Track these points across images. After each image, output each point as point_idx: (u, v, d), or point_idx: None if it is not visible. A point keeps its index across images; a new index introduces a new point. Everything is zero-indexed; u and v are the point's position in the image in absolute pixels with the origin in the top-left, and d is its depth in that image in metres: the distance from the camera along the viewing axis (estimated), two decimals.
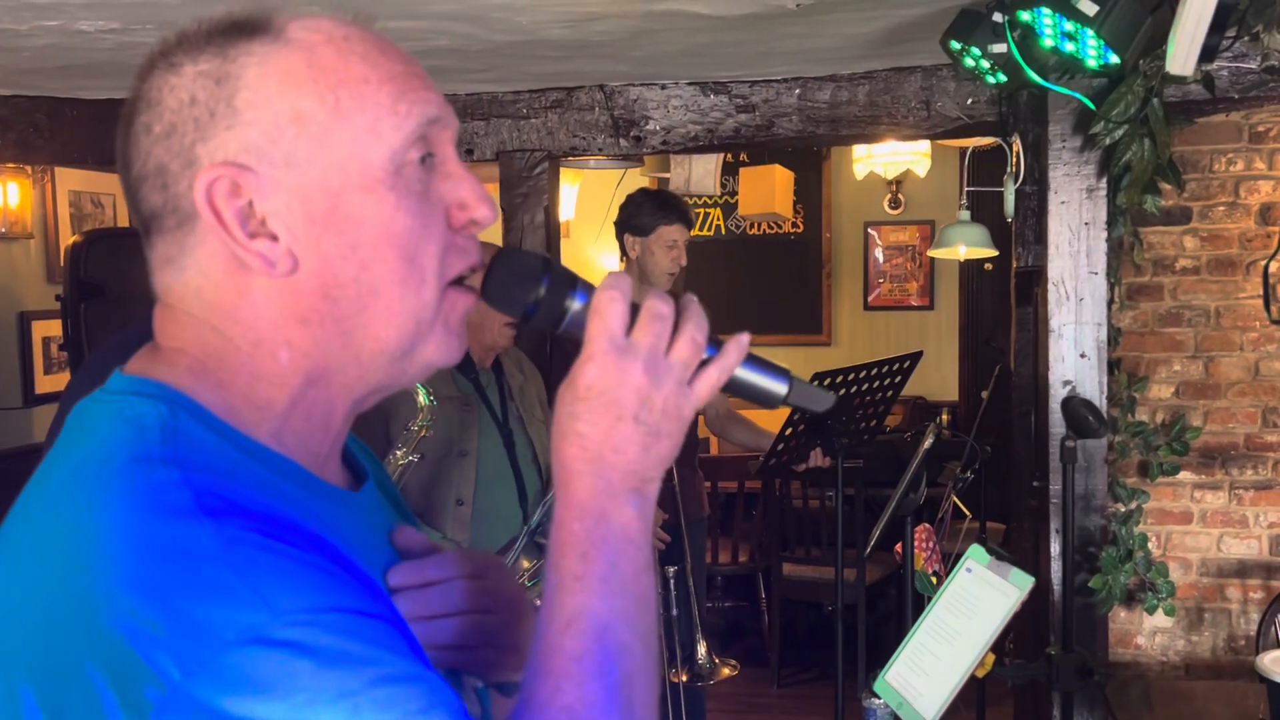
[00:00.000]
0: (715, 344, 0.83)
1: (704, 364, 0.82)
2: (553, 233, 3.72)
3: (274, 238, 0.78)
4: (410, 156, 0.80)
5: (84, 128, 3.66)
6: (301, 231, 0.78)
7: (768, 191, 5.53)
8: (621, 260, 3.57)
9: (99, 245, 4.63)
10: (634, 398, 0.79)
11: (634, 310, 0.81)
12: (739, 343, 0.84)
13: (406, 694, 0.70)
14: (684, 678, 3.27)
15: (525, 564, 2.73)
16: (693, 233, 3.66)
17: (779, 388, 0.86)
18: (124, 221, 5.54)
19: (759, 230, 6.77)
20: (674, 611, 3.23)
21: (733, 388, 0.85)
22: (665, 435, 0.80)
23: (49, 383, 5.46)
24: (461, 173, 0.84)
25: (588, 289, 0.82)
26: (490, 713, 0.95)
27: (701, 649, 3.24)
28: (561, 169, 4.05)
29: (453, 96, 3.61)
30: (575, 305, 0.82)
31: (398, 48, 0.84)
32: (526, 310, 0.83)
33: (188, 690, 0.66)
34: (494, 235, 3.70)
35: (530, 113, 3.59)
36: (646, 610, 0.79)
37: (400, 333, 0.81)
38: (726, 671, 3.31)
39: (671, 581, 3.22)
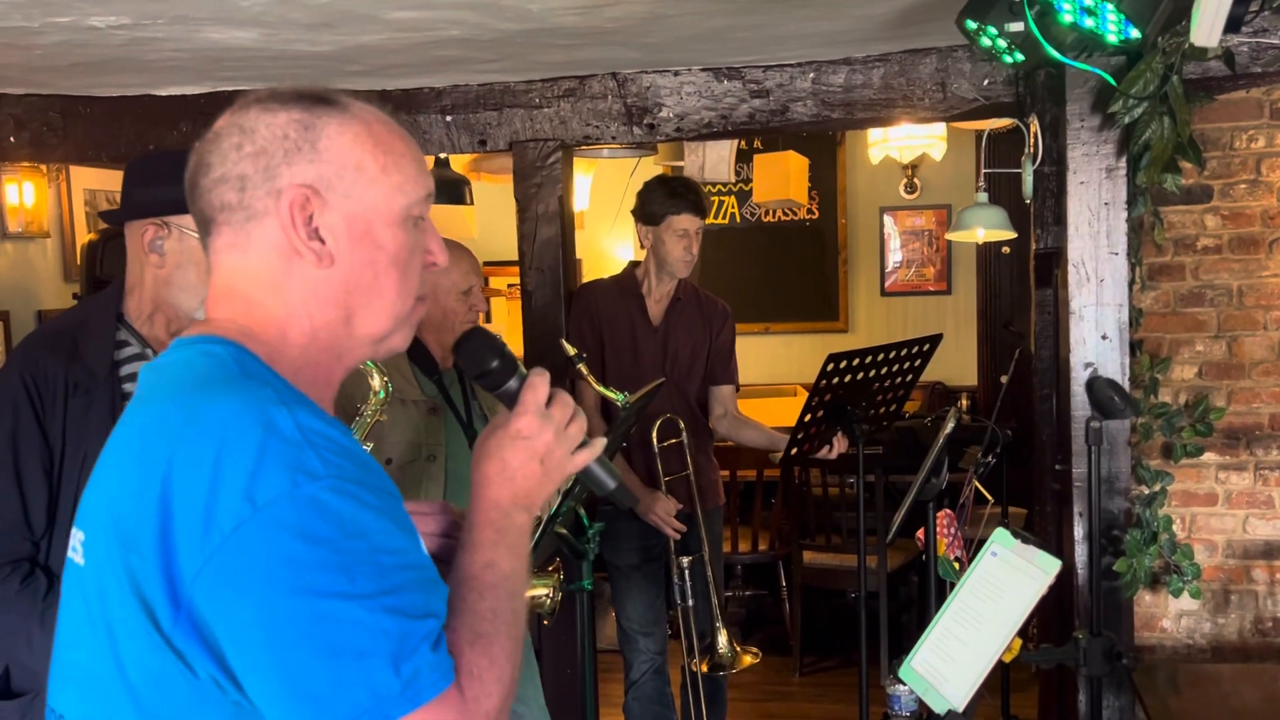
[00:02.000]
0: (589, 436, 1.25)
1: (581, 445, 1.23)
2: (567, 222, 3.70)
3: (322, 241, 1.13)
4: (415, 213, 1.18)
5: (97, 126, 3.66)
6: (344, 242, 1.13)
7: (782, 178, 5.49)
8: (640, 248, 3.54)
9: (114, 243, 4.64)
10: (544, 448, 1.19)
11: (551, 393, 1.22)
12: (595, 446, 1.25)
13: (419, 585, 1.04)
14: (704, 667, 3.25)
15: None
16: (707, 221, 3.63)
17: (610, 481, 1.29)
18: None
19: (774, 217, 6.73)
20: (690, 602, 3.21)
21: (585, 472, 1.26)
22: (551, 481, 1.21)
23: None
24: (434, 233, 1.22)
25: (521, 376, 1.22)
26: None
27: (722, 638, 3.22)
28: (575, 159, 4.03)
29: (465, 87, 3.59)
30: (512, 384, 1.22)
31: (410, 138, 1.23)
32: (479, 375, 1.23)
33: (263, 520, 0.97)
34: (511, 225, 3.69)
35: (543, 102, 3.57)
36: (526, 574, 1.18)
37: (386, 325, 1.18)
38: (748, 660, 3.29)
39: (687, 572, 3.20)
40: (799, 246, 6.75)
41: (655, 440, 3.25)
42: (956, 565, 2.89)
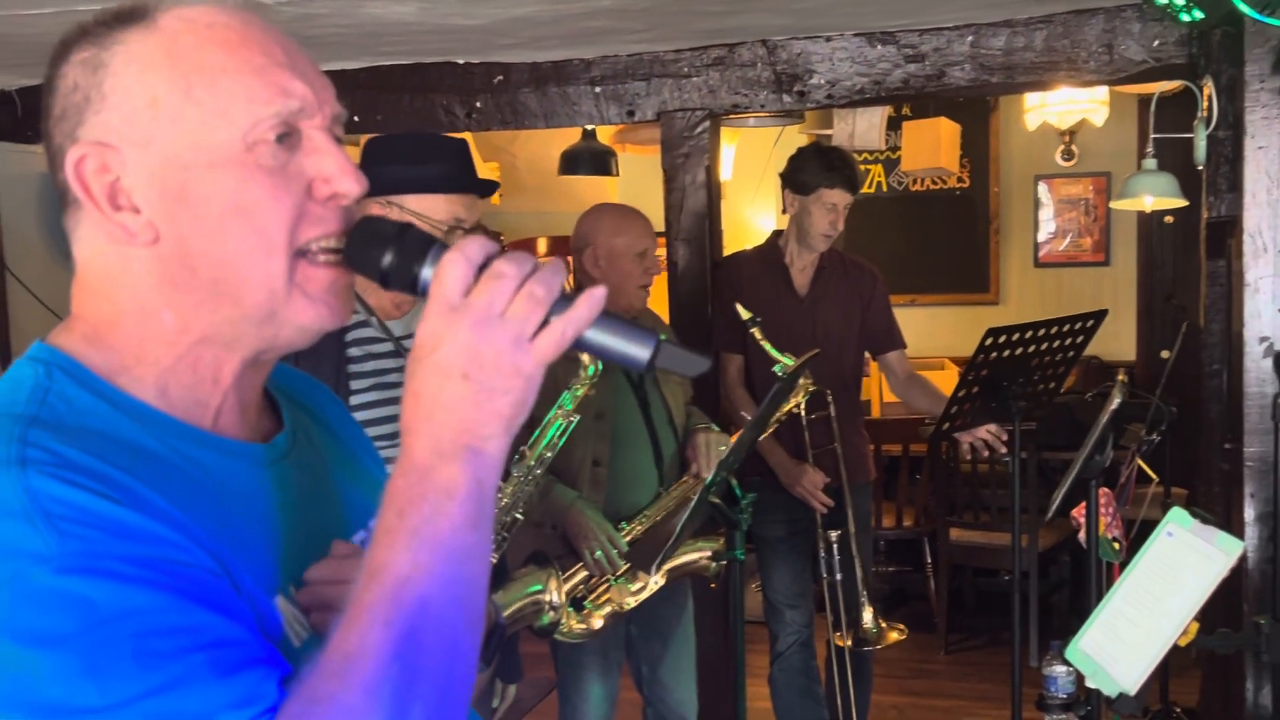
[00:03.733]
0: (568, 300, 0.83)
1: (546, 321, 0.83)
2: (714, 192, 3.68)
3: (137, 210, 0.86)
4: (264, 136, 0.86)
5: None
6: (159, 205, 0.86)
7: (932, 145, 5.36)
8: (782, 214, 3.50)
9: None
10: (462, 355, 0.81)
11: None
12: (590, 298, 0.83)
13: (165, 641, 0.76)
14: (848, 643, 3.22)
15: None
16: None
17: (640, 352, 0.84)
18: None
19: (922, 186, 6.58)
20: (837, 576, 3.18)
21: (589, 348, 0.85)
22: (502, 391, 0.81)
23: None
24: (328, 149, 0.90)
25: (436, 262, 0.85)
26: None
27: (867, 614, 3.18)
28: (721, 128, 4.00)
29: (613, 58, 3.59)
30: (426, 272, 0.85)
31: (276, 39, 0.90)
32: (381, 276, 0.87)
33: None
34: (656, 196, 3.69)
35: (692, 71, 3.55)
36: (462, 564, 0.80)
37: (255, 298, 0.88)
38: (894, 636, 3.24)
39: (834, 546, 3.17)
40: (948, 216, 6.58)
41: (803, 412, 3.22)
42: (1116, 545, 2.80)
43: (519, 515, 2.10)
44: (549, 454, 2.11)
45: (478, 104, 3.69)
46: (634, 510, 2.74)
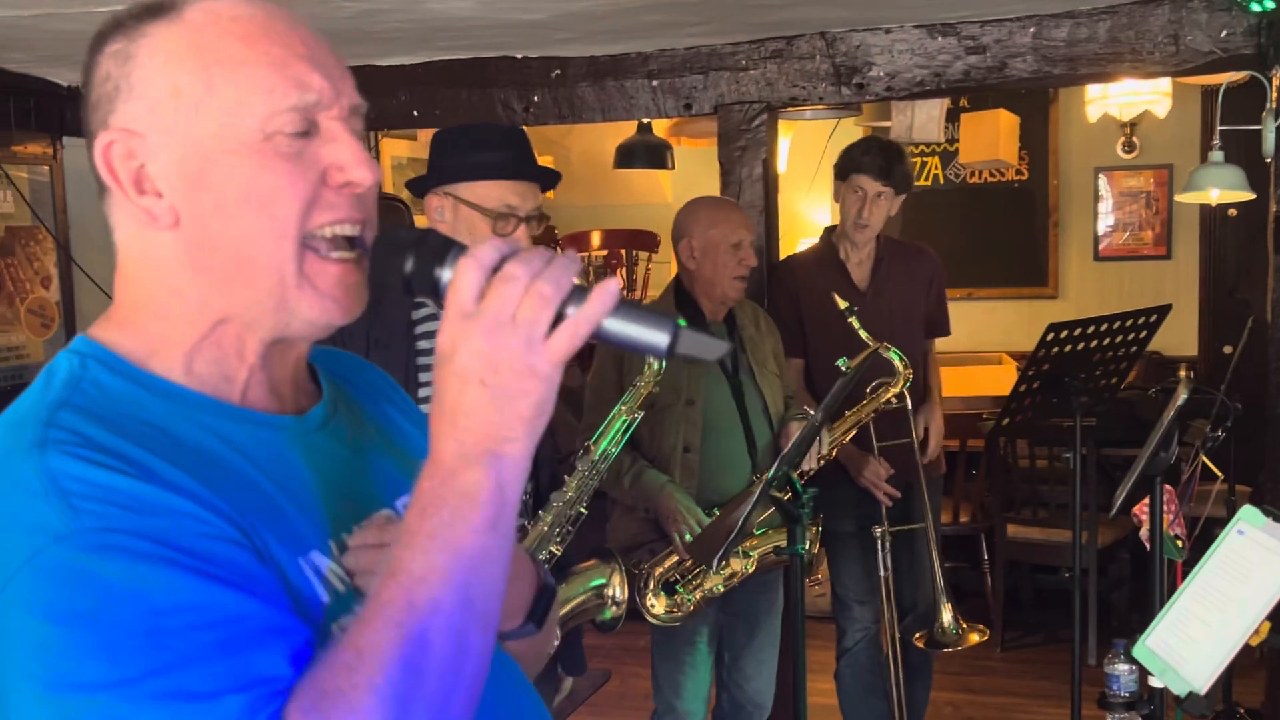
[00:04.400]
0: (582, 295, 0.83)
1: (562, 318, 0.82)
2: (771, 185, 3.67)
3: (160, 195, 0.90)
4: (281, 127, 0.89)
5: None
6: (180, 190, 0.90)
7: (991, 137, 5.30)
8: (834, 205, 3.49)
9: None
10: (477, 362, 0.82)
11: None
12: (603, 292, 0.83)
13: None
14: (921, 643, 3.19)
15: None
16: (913, 182, 3.53)
17: (659, 339, 0.83)
18: None
19: (980, 178, 6.51)
20: (883, 572, 3.16)
21: (607, 339, 0.84)
22: (520, 395, 0.82)
23: None
24: (344, 138, 0.92)
25: (455, 262, 0.86)
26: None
27: (947, 614, 3.15)
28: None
29: (671, 51, 3.59)
30: (445, 276, 0.86)
31: (297, 32, 0.93)
32: (405, 284, 0.88)
33: (4, 595, 0.77)
34: (711, 190, 3.68)
35: (749, 64, 3.54)
36: (478, 568, 0.82)
37: (267, 284, 0.91)
38: (974, 638, 3.19)
39: (886, 540, 3.14)
40: (1006, 208, 6.51)
41: (908, 403, 3.22)
42: (1179, 543, 2.76)
43: (583, 510, 2.12)
44: (613, 449, 2.12)
45: (535, 98, 3.70)
46: (726, 497, 2.77)
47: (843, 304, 2.95)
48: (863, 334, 2.89)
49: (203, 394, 0.93)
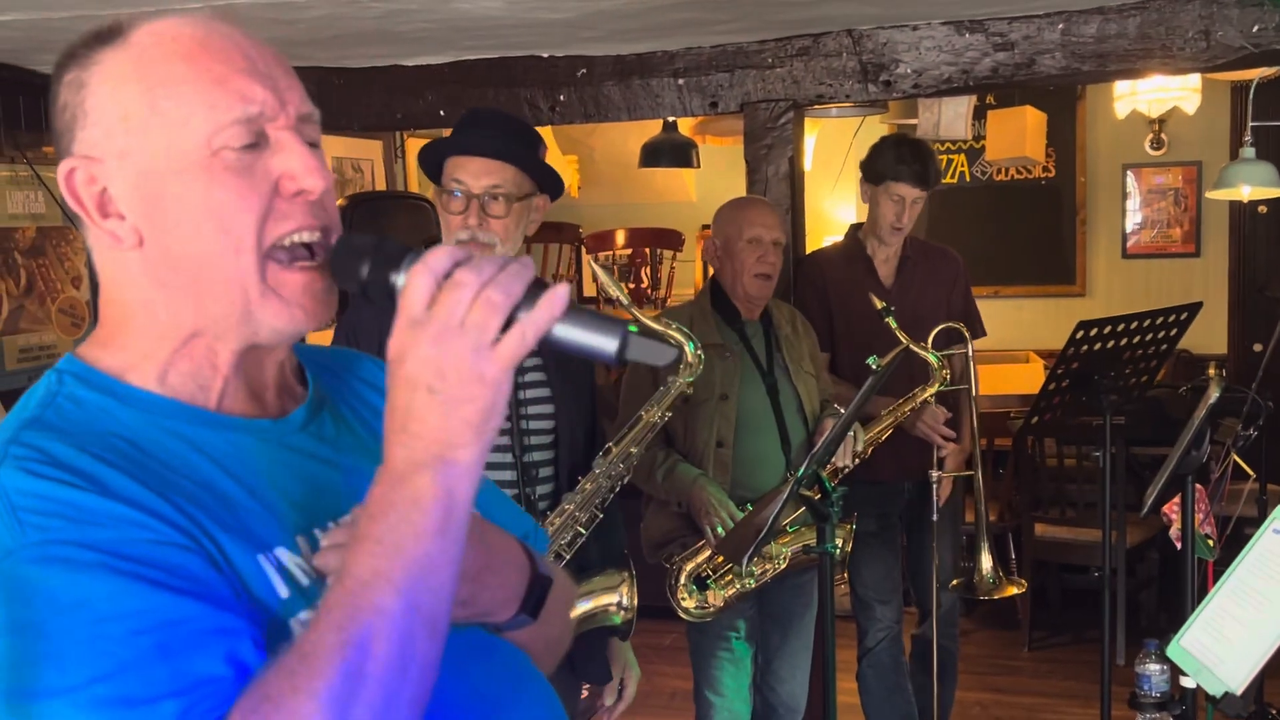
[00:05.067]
0: (532, 301, 0.83)
1: (512, 324, 0.83)
2: (797, 184, 3.66)
3: (123, 217, 0.93)
4: (227, 142, 0.91)
5: (348, 95, 3.84)
6: (140, 211, 0.92)
7: (1018, 134, 5.28)
8: (863, 202, 3.47)
9: (361, 208, 4.88)
10: (425, 369, 0.82)
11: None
12: (551, 298, 0.84)
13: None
14: (954, 591, 3.19)
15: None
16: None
17: (608, 345, 0.84)
18: (381, 185, 5.81)
19: (1006, 175, 6.48)
20: (934, 517, 3.13)
21: (557, 345, 0.85)
22: (468, 400, 0.82)
23: (319, 338, 5.79)
24: (295, 149, 0.93)
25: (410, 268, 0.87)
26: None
27: (986, 562, 3.15)
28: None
29: (697, 50, 3.59)
30: (400, 282, 0.87)
31: (238, 45, 0.94)
32: (362, 290, 0.90)
33: None
34: (736, 189, 3.68)
35: (775, 62, 3.53)
36: (425, 574, 0.82)
37: (230, 296, 0.93)
38: (1012, 590, 3.19)
39: (936, 486, 3.12)
40: (1033, 206, 6.47)
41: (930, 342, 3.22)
42: (1210, 543, 2.74)
43: (598, 512, 2.10)
44: (633, 449, 2.11)
45: (561, 97, 3.71)
46: (759, 494, 2.77)
47: (879, 304, 2.94)
48: (901, 335, 2.88)
49: (177, 401, 0.96)
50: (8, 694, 0.79)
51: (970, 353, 3.22)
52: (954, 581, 3.21)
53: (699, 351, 2.12)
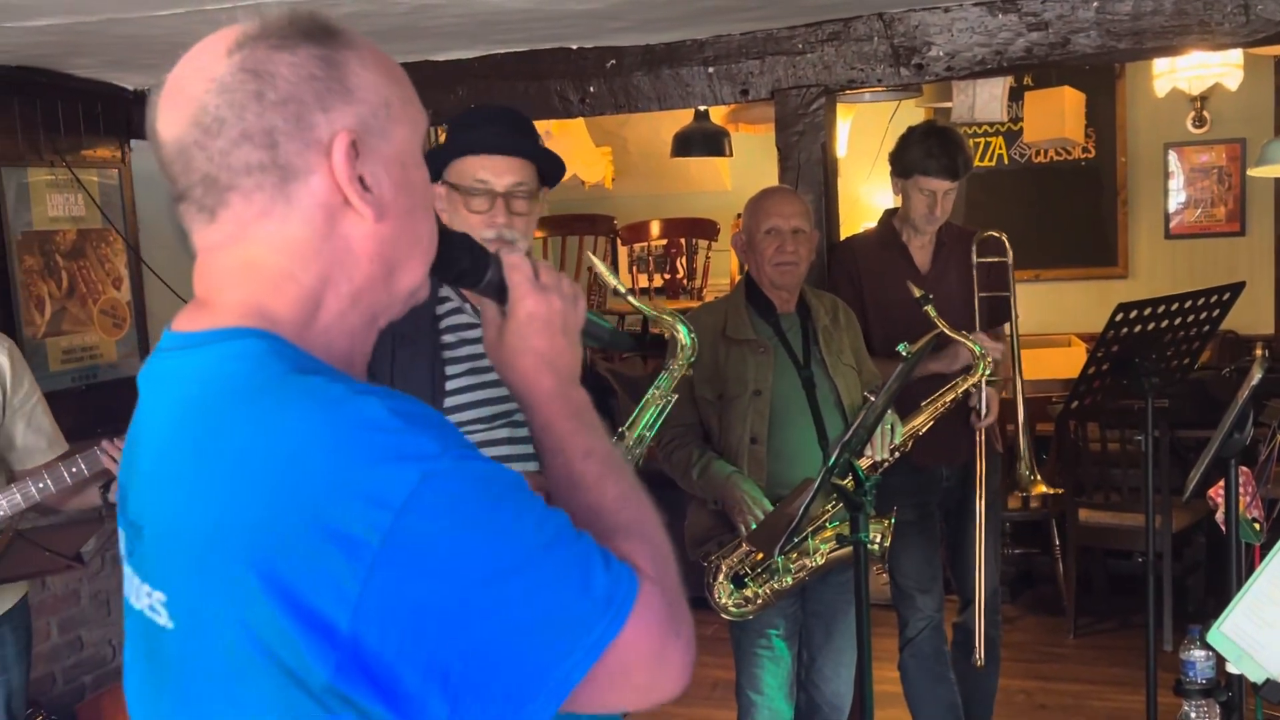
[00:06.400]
0: None
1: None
2: (830, 170, 3.63)
3: (371, 192, 0.98)
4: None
5: None
6: (389, 190, 0.99)
7: (1056, 115, 5.20)
8: (895, 196, 3.43)
9: None
10: (559, 317, 1.14)
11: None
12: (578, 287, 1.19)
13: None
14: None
15: (827, 508, 2.70)
16: (974, 163, 3.47)
17: (602, 324, 1.30)
18: None
19: (1045, 157, 6.40)
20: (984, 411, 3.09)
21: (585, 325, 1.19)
22: (575, 344, 1.16)
23: None
24: None
25: (497, 262, 1.15)
26: None
27: (1024, 465, 3.12)
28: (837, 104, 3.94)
29: (726, 37, 3.57)
30: (491, 274, 1.15)
31: None
32: (457, 276, 1.14)
33: (407, 522, 0.84)
34: (769, 176, 3.66)
35: (806, 47, 3.51)
36: (607, 440, 1.13)
37: (420, 274, 1.06)
38: (1043, 488, 3.16)
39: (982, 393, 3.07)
40: (1073, 188, 6.39)
41: (975, 256, 3.22)
42: (1257, 526, 2.69)
43: None
44: (648, 433, 2.08)
45: (591, 88, 3.70)
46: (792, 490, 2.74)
47: (918, 292, 2.90)
48: (940, 323, 2.84)
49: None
50: (483, 580, 0.86)
51: (1009, 260, 3.25)
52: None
53: (693, 336, 2.09)
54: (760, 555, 2.72)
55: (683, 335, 2.09)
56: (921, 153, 3.20)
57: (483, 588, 0.85)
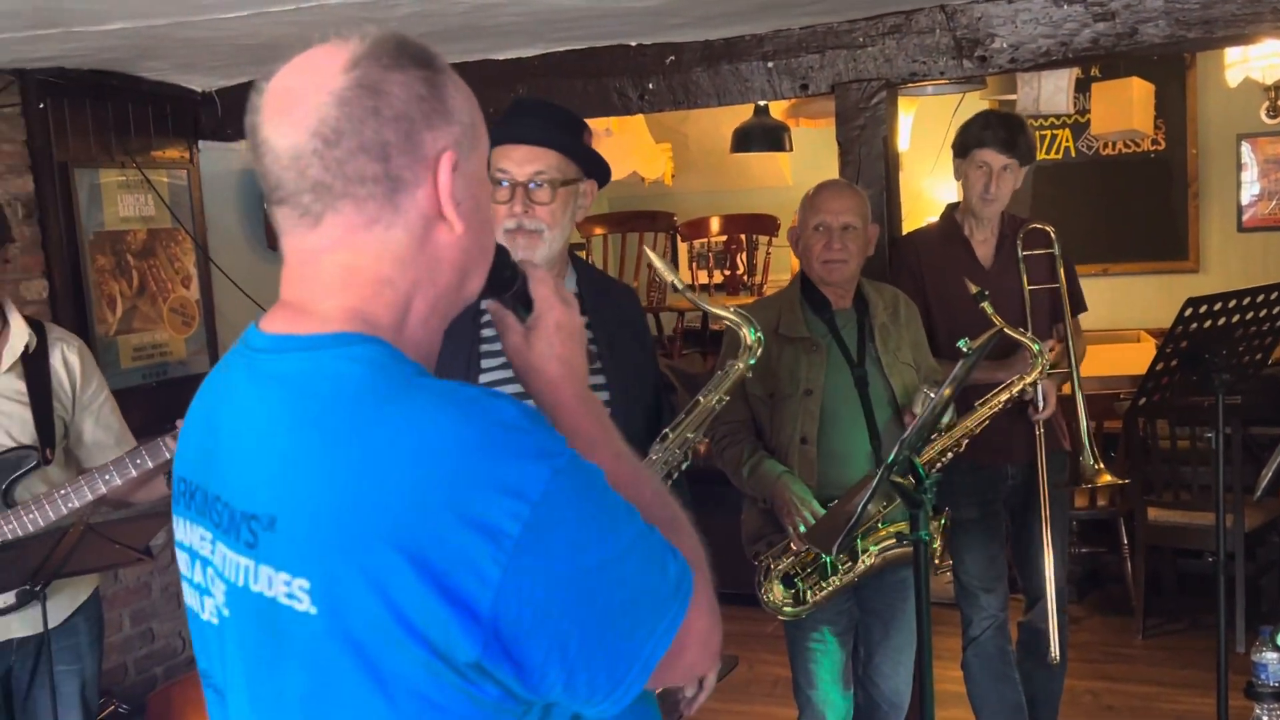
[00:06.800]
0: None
1: None
2: (891, 164, 3.60)
3: (459, 204, 1.06)
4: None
5: None
6: (468, 204, 1.08)
7: (1124, 107, 5.11)
8: (958, 184, 3.39)
9: None
10: (580, 331, 1.24)
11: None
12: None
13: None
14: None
15: (881, 508, 2.67)
16: (1040, 156, 3.42)
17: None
18: None
19: (1114, 150, 6.29)
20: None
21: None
22: (585, 354, 1.24)
23: None
24: None
25: (522, 275, 1.24)
26: None
27: (1089, 453, 3.09)
28: (899, 98, 3.90)
29: (786, 32, 3.55)
30: (519, 285, 1.24)
31: None
32: (505, 282, 1.21)
33: (543, 513, 0.93)
34: (831, 171, 3.63)
35: (867, 41, 3.47)
36: (626, 443, 1.20)
37: (483, 280, 1.15)
38: (1107, 477, 3.11)
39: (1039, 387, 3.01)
40: (1142, 180, 6.27)
41: (1020, 249, 3.21)
42: None
43: None
44: (690, 434, 2.06)
45: (650, 85, 3.70)
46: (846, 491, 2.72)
47: (974, 289, 2.85)
48: (997, 320, 2.79)
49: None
50: (601, 564, 0.96)
51: (1056, 250, 3.23)
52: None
53: (759, 334, 2.06)
54: (810, 555, 2.70)
55: (749, 335, 2.07)
56: (979, 125, 3.19)
57: (600, 571, 0.96)
